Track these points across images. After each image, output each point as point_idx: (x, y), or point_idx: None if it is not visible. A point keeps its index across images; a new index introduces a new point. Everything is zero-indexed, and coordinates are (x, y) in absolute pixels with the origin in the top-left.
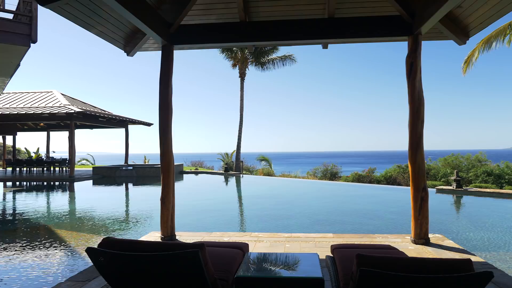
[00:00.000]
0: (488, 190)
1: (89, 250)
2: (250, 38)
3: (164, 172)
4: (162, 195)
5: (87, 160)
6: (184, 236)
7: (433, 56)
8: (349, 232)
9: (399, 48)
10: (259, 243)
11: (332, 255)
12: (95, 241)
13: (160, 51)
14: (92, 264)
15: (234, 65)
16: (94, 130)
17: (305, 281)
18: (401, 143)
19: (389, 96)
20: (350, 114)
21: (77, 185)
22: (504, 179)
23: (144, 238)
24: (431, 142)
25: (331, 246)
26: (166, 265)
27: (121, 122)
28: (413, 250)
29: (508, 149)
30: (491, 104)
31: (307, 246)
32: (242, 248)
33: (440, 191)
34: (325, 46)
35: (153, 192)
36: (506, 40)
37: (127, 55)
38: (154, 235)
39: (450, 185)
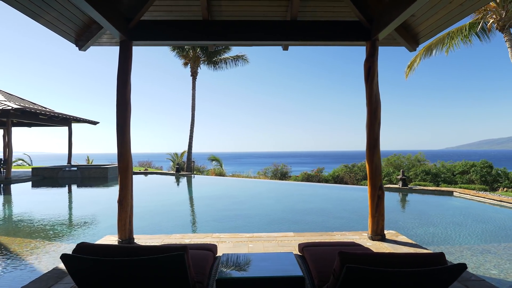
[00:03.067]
0: (430, 188)
1: (64, 257)
2: (212, 37)
3: (122, 173)
4: (119, 196)
5: (23, 160)
6: (142, 239)
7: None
8: (307, 231)
9: (348, 56)
10: (222, 244)
11: (300, 254)
12: (44, 248)
13: (116, 46)
14: (44, 272)
15: (185, 64)
16: (34, 128)
17: (286, 280)
18: (346, 143)
19: (335, 101)
20: (297, 116)
21: (14, 187)
22: (440, 178)
23: (99, 242)
24: None
25: (299, 245)
26: (150, 269)
27: (64, 120)
28: (371, 246)
29: (443, 149)
30: (429, 108)
31: (270, 245)
32: (212, 249)
33: (387, 189)
34: (285, 48)
35: (101, 194)
36: (445, 49)
37: (79, 49)
38: (110, 239)
39: (395, 184)
